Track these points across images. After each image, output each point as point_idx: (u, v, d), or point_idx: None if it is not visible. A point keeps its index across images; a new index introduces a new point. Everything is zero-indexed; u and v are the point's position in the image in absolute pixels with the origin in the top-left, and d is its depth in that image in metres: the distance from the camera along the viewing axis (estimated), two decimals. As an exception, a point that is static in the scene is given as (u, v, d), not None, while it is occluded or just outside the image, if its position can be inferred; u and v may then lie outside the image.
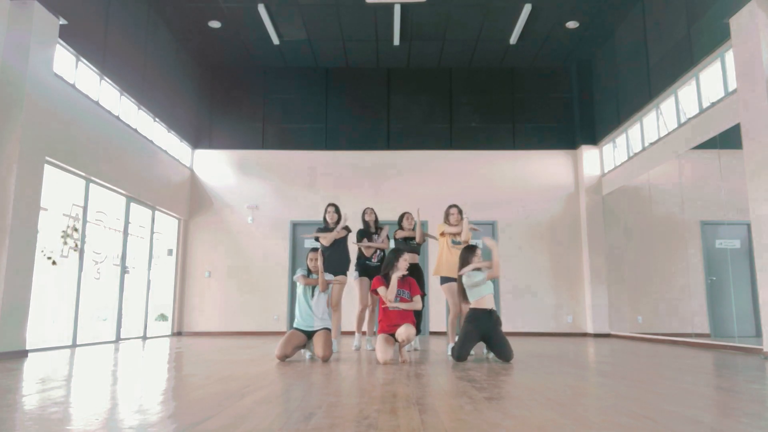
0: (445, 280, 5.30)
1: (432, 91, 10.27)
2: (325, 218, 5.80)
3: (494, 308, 4.64)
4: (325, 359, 4.51)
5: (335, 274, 5.35)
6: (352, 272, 5.83)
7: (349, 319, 8.69)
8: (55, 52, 5.73)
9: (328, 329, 4.74)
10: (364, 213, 6.01)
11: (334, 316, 5.53)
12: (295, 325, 4.75)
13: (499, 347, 4.48)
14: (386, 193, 9.77)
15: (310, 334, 4.71)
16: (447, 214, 5.48)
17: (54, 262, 6.23)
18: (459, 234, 5.36)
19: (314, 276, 4.82)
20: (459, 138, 10.08)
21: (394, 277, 4.53)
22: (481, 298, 4.64)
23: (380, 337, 4.48)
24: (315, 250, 4.91)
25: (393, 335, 4.52)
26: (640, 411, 2.28)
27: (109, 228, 7.44)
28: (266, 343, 7.09)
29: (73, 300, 6.53)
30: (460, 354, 4.48)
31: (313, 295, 4.76)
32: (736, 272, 6.23)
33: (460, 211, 5.49)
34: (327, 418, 2.12)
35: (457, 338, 4.98)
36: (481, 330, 4.55)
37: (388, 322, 4.54)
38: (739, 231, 6.23)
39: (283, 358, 4.50)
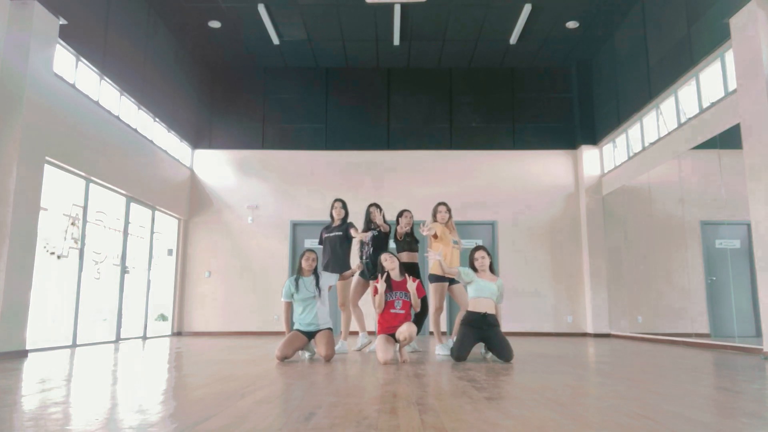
0: (434, 278, 5.32)
1: (432, 91, 10.27)
2: (331, 214, 5.70)
3: (490, 312, 4.58)
4: (328, 359, 4.51)
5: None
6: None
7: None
8: (55, 52, 5.73)
9: (331, 329, 4.75)
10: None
11: (342, 316, 5.55)
12: (296, 327, 4.72)
13: (499, 348, 4.47)
14: (386, 192, 9.76)
15: (311, 335, 4.71)
16: (435, 212, 5.47)
17: (58, 257, 6.22)
18: (436, 237, 5.34)
19: (304, 278, 4.77)
20: (459, 138, 10.08)
21: (380, 285, 4.53)
22: (476, 300, 4.63)
23: (380, 338, 4.49)
24: (311, 250, 4.90)
25: (393, 336, 4.52)
26: (640, 411, 2.28)
27: (109, 228, 7.44)
28: (266, 343, 7.09)
29: (73, 300, 6.54)
30: (459, 355, 4.49)
31: (318, 297, 4.73)
32: (736, 272, 6.23)
33: (449, 210, 5.48)
34: (327, 418, 2.12)
35: (452, 339, 5.00)
36: (477, 332, 4.55)
37: (387, 324, 4.54)
38: (739, 231, 6.22)
39: (283, 359, 4.49)
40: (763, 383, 3.23)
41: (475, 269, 4.77)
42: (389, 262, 4.65)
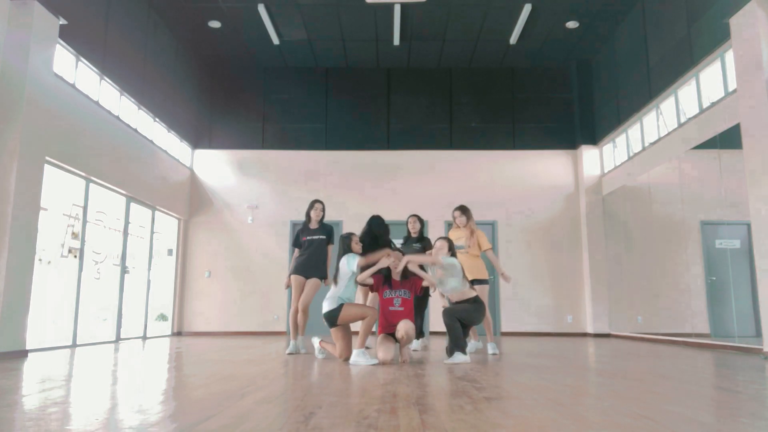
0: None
1: (432, 91, 10.27)
2: (309, 215, 5.52)
3: (461, 300, 4.62)
4: (348, 358, 4.45)
5: (308, 276, 5.30)
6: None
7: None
8: (55, 52, 5.72)
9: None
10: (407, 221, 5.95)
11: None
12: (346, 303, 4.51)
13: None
14: (386, 193, 9.77)
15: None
16: (454, 217, 5.49)
17: (48, 262, 6.22)
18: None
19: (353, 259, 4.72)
20: (459, 138, 10.08)
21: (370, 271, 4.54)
22: (449, 295, 4.73)
23: (380, 337, 4.50)
24: (352, 233, 4.83)
25: (393, 335, 4.52)
26: (640, 411, 2.28)
27: (109, 228, 7.44)
28: (266, 343, 7.09)
29: (73, 300, 6.53)
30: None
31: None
32: (736, 272, 6.23)
33: (464, 212, 5.41)
34: (327, 418, 2.12)
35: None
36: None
37: (387, 322, 4.55)
38: (739, 231, 6.22)
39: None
40: (763, 383, 3.23)
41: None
42: (394, 263, 4.62)
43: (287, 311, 9.41)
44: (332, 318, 4.46)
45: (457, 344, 4.43)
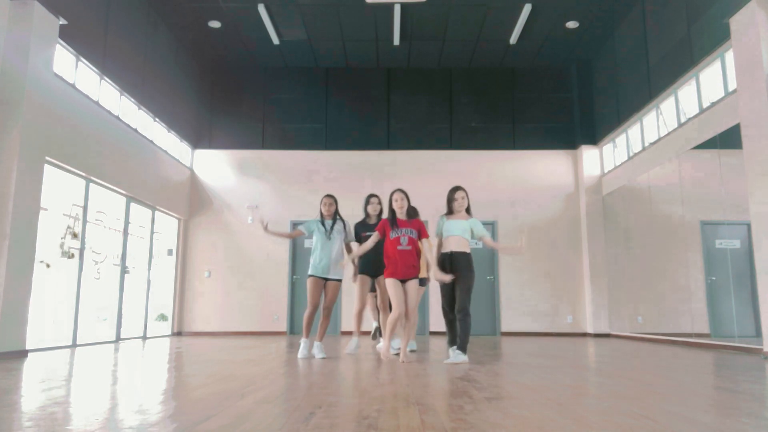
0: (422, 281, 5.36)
1: (432, 91, 10.26)
2: (366, 210, 5.50)
3: (457, 251, 4.48)
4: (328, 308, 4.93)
5: (375, 276, 5.35)
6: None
7: (345, 320, 8.72)
8: (55, 52, 5.73)
9: (340, 280, 5.03)
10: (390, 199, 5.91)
11: (381, 316, 5.59)
12: (311, 272, 4.95)
13: (457, 296, 4.46)
14: (386, 192, 9.71)
15: (324, 282, 4.95)
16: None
17: (48, 265, 6.21)
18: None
19: (328, 222, 5.04)
20: (459, 138, 10.08)
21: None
22: (446, 240, 4.60)
23: (389, 284, 4.44)
24: (329, 195, 5.17)
25: (401, 281, 4.46)
26: (640, 411, 2.28)
27: (109, 228, 7.44)
28: (266, 343, 7.09)
29: (73, 300, 6.53)
30: (445, 310, 4.53)
31: (330, 238, 4.95)
32: (736, 272, 6.23)
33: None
34: (327, 418, 2.12)
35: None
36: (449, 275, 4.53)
37: (395, 265, 4.45)
38: (739, 231, 6.22)
39: (316, 307, 4.85)
40: (763, 383, 3.23)
41: (451, 211, 4.72)
42: (398, 203, 4.58)
43: (287, 311, 9.41)
44: None
45: (463, 343, 4.43)
